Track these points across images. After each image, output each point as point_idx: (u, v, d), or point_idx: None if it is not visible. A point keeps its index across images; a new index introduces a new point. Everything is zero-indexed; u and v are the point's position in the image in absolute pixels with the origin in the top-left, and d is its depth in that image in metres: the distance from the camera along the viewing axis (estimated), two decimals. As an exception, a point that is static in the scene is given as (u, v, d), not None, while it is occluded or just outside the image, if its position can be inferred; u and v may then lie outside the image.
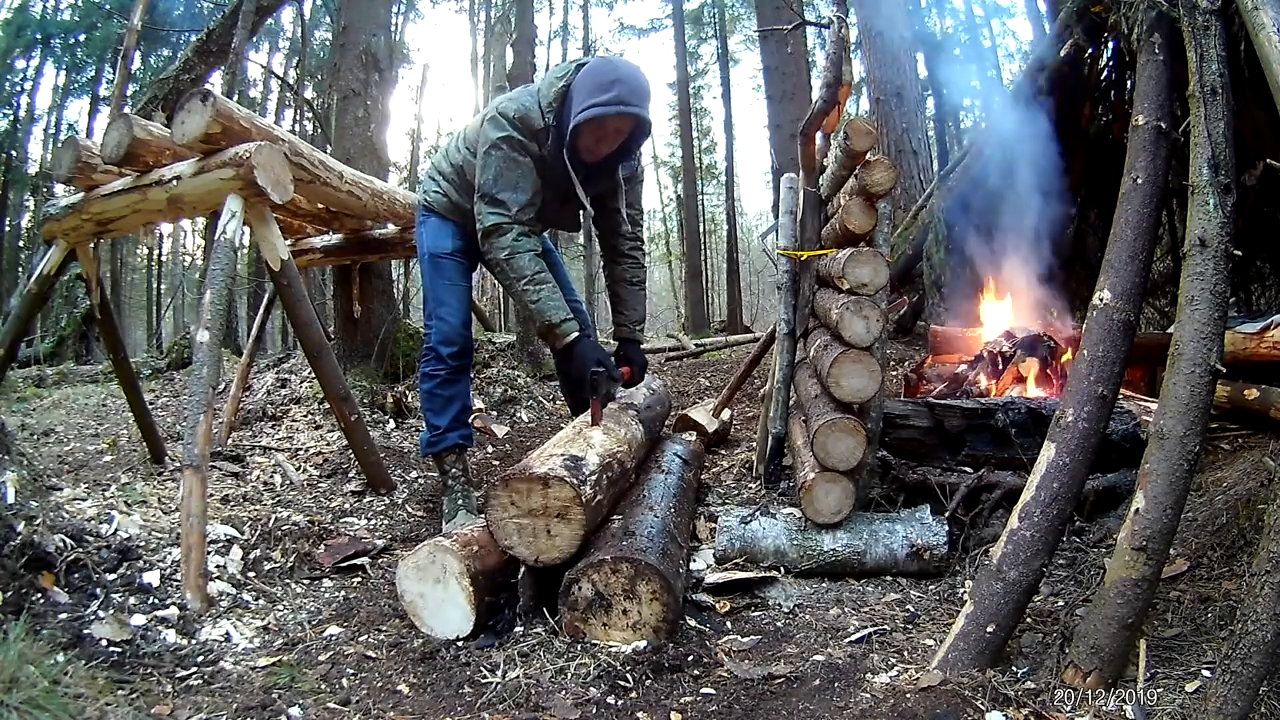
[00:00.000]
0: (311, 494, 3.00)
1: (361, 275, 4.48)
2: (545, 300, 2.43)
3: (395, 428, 4.03)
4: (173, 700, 1.54)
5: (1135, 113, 1.89)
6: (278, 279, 2.70)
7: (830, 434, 2.25)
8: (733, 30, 17.18)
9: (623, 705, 1.59)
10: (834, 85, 2.64)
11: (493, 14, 13.53)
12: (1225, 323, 1.61)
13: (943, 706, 1.44)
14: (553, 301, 2.44)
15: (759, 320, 16.36)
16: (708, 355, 7.68)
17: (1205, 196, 1.62)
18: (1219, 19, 1.70)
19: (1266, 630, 1.26)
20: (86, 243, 2.97)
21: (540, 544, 1.90)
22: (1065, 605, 1.95)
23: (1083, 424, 1.70)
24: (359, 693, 1.64)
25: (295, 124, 12.79)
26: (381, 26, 5.09)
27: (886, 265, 2.40)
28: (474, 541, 1.97)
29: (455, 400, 2.77)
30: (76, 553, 1.93)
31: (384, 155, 4.99)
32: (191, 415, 2.16)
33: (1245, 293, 3.44)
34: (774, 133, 9.42)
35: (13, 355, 3.27)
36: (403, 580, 1.93)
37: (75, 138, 3.22)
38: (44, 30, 12.56)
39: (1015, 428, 2.58)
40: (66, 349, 7.63)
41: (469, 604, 1.87)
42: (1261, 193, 2.87)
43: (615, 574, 1.81)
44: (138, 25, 7.23)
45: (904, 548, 2.25)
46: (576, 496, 1.87)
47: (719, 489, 3.15)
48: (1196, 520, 2.06)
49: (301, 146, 2.90)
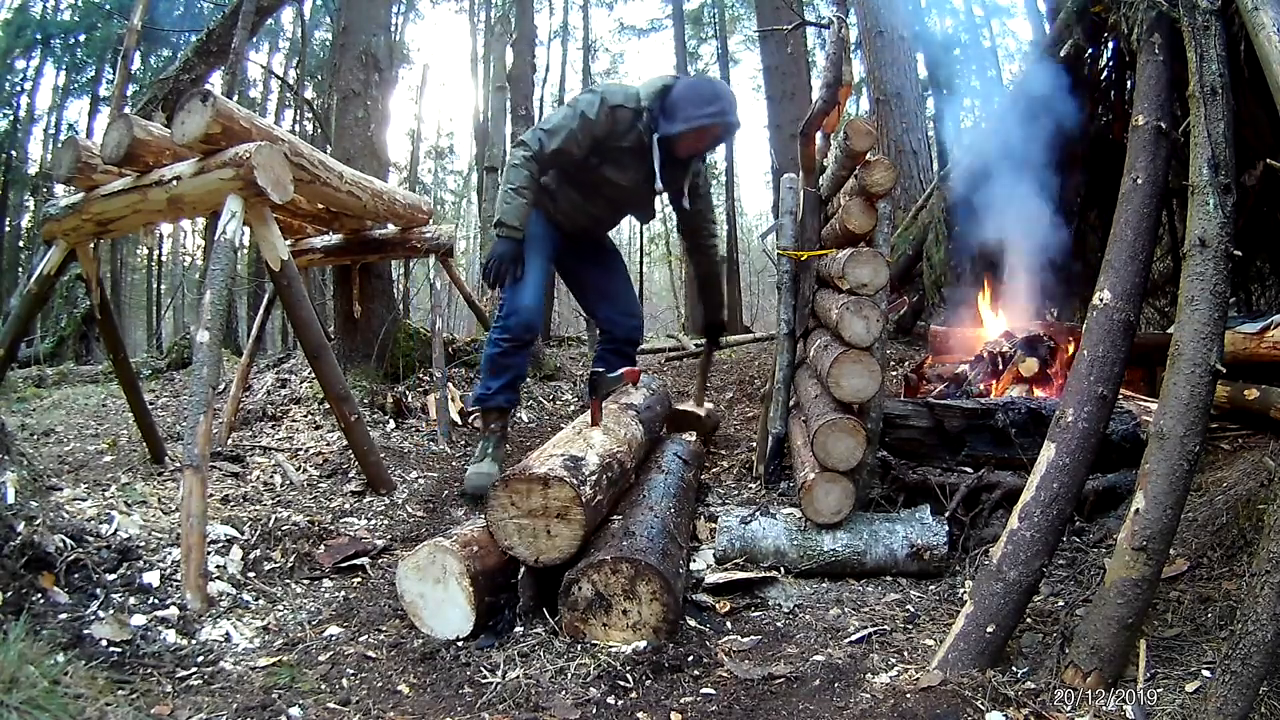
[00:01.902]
0: (311, 494, 3.00)
1: (361, 275, 4.48)
2: (512, 207, 2.84)
3: (395, 428, 4.03)
4: (173, 700, 1.53)
5: (1135, 113, 1.89)
6: (278, 279, 2.70)
7: (830, 434, 2.25)
8: (733, 30, 17.15)
9: (623, 705, 1.59)
10: (834, 85, 2.64)
11: (493, 14, 13.52)
12: (1225, 323, 1.62)
13: (943, 706, 1.44)
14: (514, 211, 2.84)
15: (759, 320, 16.33)
16: (708, 355, 7.66)
17: (1205, 196, 1.63)
18: (1219, 19, 1.70)
19: (1266, 630, 1.26)
20: (86, 243, 2.96)
21: (540, 544, 1.90)
22: (1065, 605, 1.95)
23: (1083, 424, 1.70)
24: (359, 693, 1.64)
25: (295, 124, 12.77)
26: (381, 26, 5.08)
27: (886, 265, 2.41)
28: (474, 542, 1.97)
29: (511, 369, 3.07)
30: (76, 553, 1.93)
31: (384, 155, 4.99)
32: (191, 415, 2.16)
33: (1245, 293, 3.45)
34: (774, 133, 9.43)
35: (13, 355, 3.26)
36: (403, 580, 1.93)
37: (75, 138, 3.22)
38: (44, 30, 12.55)
39: (1015, 428, 2.58)
40: (66, 349, 7.62)
41: (469, 604, 1.87)
42: (1261, 193, 2.87)
43: (615, 574, 1.81)
44: (138, 25, 7.22)
45: (904, 548, 2.25)
46: (576, 497, 1.87)
47: (719, 489, 3.15)
48: (1196, 520, 2.06)
49: (301, 146, 2.89)
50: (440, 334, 4.34)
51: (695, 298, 3.38)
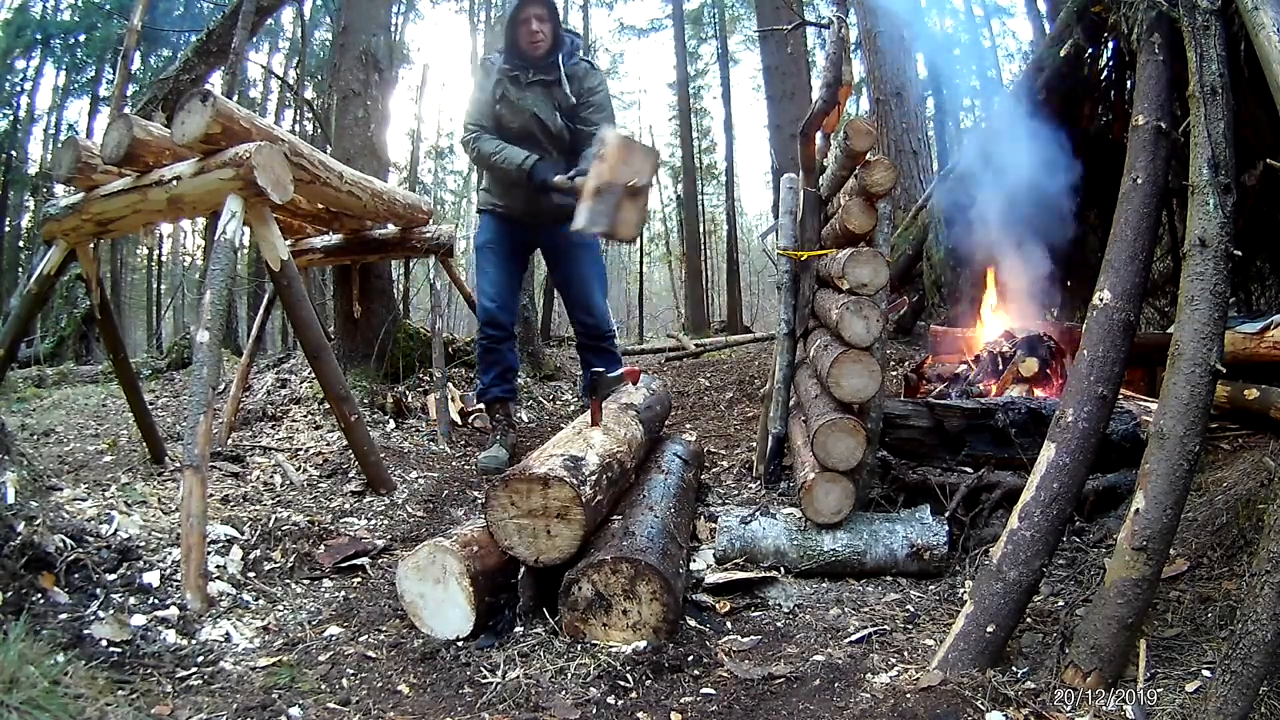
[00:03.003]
0: (311, 494, 3.00)
1: (361, 275, 4.48)
2: (507, 156, 3.22)
3: (395, 428, 4.03)
4: (173, 700, 1.54)
5: (1135, 113, 1.89)
6: (278, 279, 2.70)
7: (830, 434, 2.25)
8: (733, 30, 17.16)
9: (623, 705, 1.59)
10: (834, 85, 2.64)
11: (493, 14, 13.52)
12: (1225, 323, 1.61)
13: (943, 706, 1.45)
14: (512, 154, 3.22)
15: (759, 320, 16.35)
16: (708, 355, 7.68)
17: (1205, 196, 1.62)
18: (1219, 19, 1.70)
19: (1266, 630, 1.26)
20: (86, 243, 2.96)
21: (540, 544, 1.90)
22: (1065, 605, 1.95)
23: (1083, 424, 1.70)
24: (359, 693, 1.64)
25: (295, 124, 12.76)
26: (381, 26, 5.08)
27: (886, 265, 2.40)
28: (474, 542, 1.97)
29: (496, 363, 3.47)
30: (76, 553, 1.93)
31: (384, 155, 4.98)
32: (191, 415, 2.16)
33: (1245, 293, 3.44)
34: (774, 133, 9.43)
35: (13, 355, 3.26)
36: (403, 580, 1.93)
37: (75, 138, 3.22)
38: (44, 30, 12.55)
39: (1015, 428, 2.58)
40: (66, 349, 7.62)
41: (469, 604, 1.87)
42: (1261, 193, 2.87)
43: (615, 574, 1.81)
44: (138, 25, 7.20)
45: (904, 548, 2.25)
46: (576, 497, 1.87)
47: (719, 489, 3.15)
48: (1196, 520, 2.06)
49: (301, 146, 2.89)
50: (440, 334, 4.34)
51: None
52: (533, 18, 3.23)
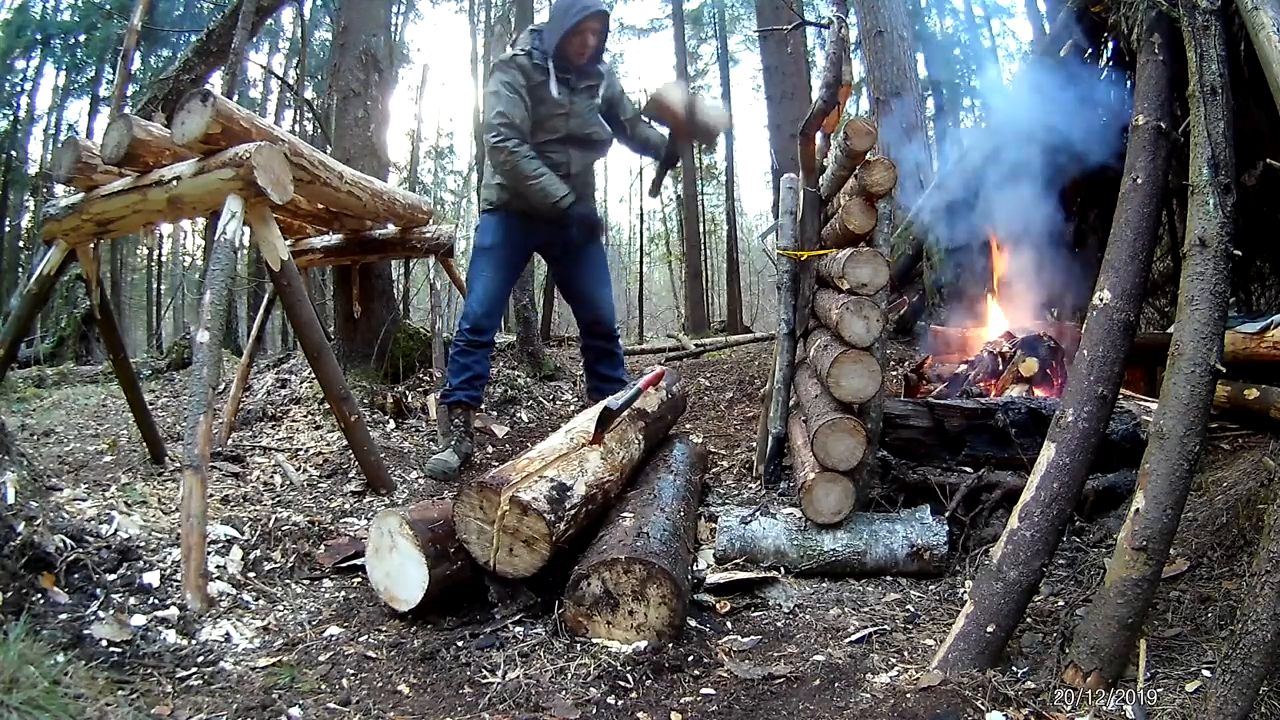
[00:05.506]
0: (311, 494, 3.00)
1: (361, 275, 4.48)
2: (545, 187, 3.08)
3: (395, 428, 4.02)
4: (173, 700, 1.53)
5: (1135, 113, 1.89)
6: (278, 279, 2.70)
7: (830, 434, 2.25)
8: (733, 30, 17.16)
9: (623, 705, 1.59)
10: (834, 85, 2.64)
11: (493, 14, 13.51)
12: (1225, 323, 1.61)
13: (943, 706, 1.44)
14: (551, 187, 3.09)
15: (759, 320, 16.34)
16: (708, 355, 7.67)
17: (1205, 196, 1.62)
18: (1219, 19, 1.70)
19: (1266, 630, 1.26)
20: (86, 243, 2.96)
21: (498, 555, 1.94)
22: (1065, 605, 1.95)
23: (1083, 424, 1.70)
24: (359, 693, 1.64)
25: (295, 124, 12.76)
26: (381, 26, 5.09)
27: (886, 265, 2.41)
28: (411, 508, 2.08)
29: (469, 368, 3.31)
30: (76, 553, 1.93)
31: (384, 155, 4.99)
32: (191, 415, 2.16)
33: (1245, 293, 3.44)
34: (774, 133, 9.44)
35: (13, 355, 3.26)
36: (371, 572, 2.01)
37: (75, 138, 3.22)
38: (44, 30, 12.54)
39: (1015, 428, 2.58)
40: (66, 349, 7.61)
41: (418, 549, 1.93)
42: (1261, 193, 2.87)
43: (627, 574, 1.82)
44: (138, 25, 7.20)
45: (904, 548, 2.25)
46: (549, 533, 1.90)
47: (719, 489, 3.15)
48: (1196, 520, 2.06)
49: (301, 146, 2.89)
50: (440, 334, 4.34)
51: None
52: (591, 31, 3.19)
